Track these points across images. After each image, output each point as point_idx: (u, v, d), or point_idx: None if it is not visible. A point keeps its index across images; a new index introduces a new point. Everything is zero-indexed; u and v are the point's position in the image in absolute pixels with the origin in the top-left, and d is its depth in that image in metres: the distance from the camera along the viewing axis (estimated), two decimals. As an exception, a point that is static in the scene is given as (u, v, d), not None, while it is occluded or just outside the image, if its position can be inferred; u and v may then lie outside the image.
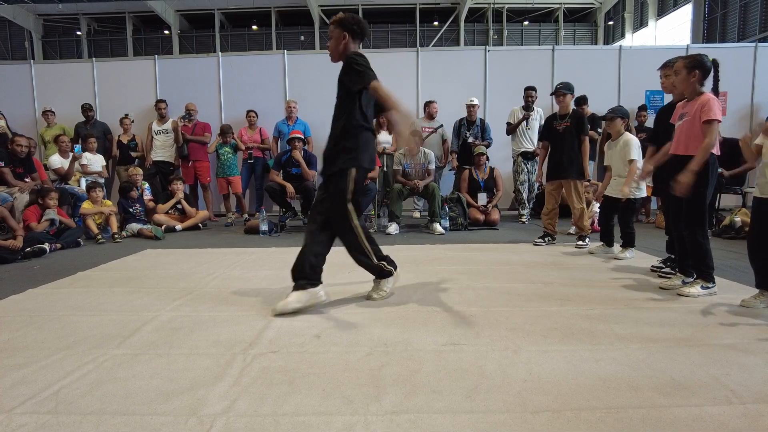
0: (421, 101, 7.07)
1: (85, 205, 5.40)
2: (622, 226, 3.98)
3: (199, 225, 6.04)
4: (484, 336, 2.14)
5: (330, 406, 1.55)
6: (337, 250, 2.85)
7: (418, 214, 6.99)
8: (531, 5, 22.24)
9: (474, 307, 2.59)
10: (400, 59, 7.50)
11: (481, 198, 5.89)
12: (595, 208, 5.32)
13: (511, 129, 6.39)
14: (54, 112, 7.04)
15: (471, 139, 6.32)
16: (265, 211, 5.74)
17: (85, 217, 5.28)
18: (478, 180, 5.95)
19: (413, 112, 1.94)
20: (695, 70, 2.73)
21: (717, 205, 5.72)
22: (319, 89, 7.08)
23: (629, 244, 3.94)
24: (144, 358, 1.95)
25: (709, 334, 2.14)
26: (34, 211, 4.76)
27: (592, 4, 23.10)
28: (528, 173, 6.40)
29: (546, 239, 4.59)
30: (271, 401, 1.58)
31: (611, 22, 23.27)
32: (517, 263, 3.72)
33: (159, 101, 6.84)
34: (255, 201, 7.07)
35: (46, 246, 4.41)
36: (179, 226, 5.85)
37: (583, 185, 4.56)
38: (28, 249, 4.25)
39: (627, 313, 2.45)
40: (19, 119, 7.46)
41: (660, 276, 3.25)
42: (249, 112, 6.90)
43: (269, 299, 2.78)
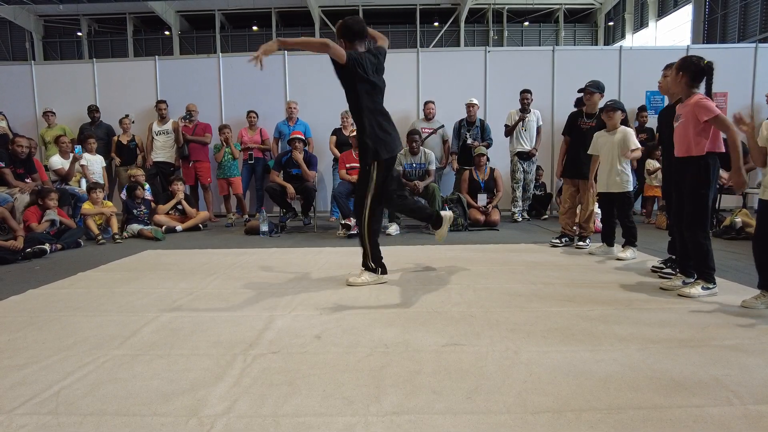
0: (422, 102, 7.07)
1: (86, 205, 5.40)
2: (622, 220, 3.96)
3: (200, 226, 6.04)
4: (485, 336, 2.14)
5: (330, 406, 1.55)
6: (338, 251, 2.86)
7: (418, 215, 6.98)
8: (531, 6, 22.25)
9: (474, 307, 2.58)
10: (401, 60, 7.48)
11: (482, 199, 5.89)
12: (595, 209, 5.31)
13: (509, 131, 6.49)
14: (54, 113, 7.05)
15: (470, 141, 6.33)
16: (265, 212, 5.73)
17: (86, 218, 5.28)
18: (479, 181, 5.95)
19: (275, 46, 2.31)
20: (680, 71, 2.75)
21: (717, 205, 5.71)
22: (320, 90, 7.08)
23: (631, 239, 3.90)
24: (144, 358, 1.95)
25: (710, 335, 2.13)
26: (35, 212, 4.76)
27: (593, 4, 23.11)
28: (524, 173, 6.46)
29: (563, 240, 4.50)
30: (272, 402, 1.58)
31: (611, 23, 23.28)
32: (518, 264, 3.72)
33: (159, 102, 6.85)
34: (255, 202, 7.08)
35: (47, 246, 4.41)
36: (180, 227, 5.85)
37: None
38: (29, 249, 4.25)
39: (627, 314, 2.45)
40: (20, 120, 7.46)
41: (660, 276, 3.25)
42: (249, 112, 6.90)
43: (270, 300, 2.78)
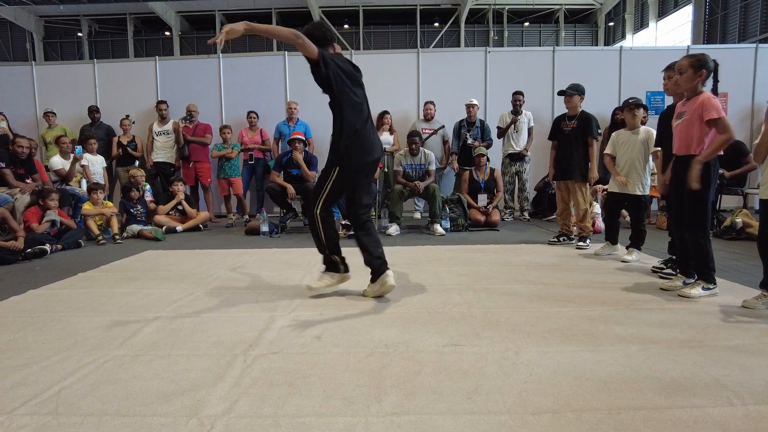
0: (422, 102, 7.08)
1: (86, 206, 5.41)
2: (636, 223, 3.94)
3: (200, 226, 6.04)
4: (485, 337, 2.14)
5: (330, 407, 1.55)
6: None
7: (418, 215, 6.99)
8: (531, 6, 22.25)
9: (475, 308, 2.58)
10: (401, 60, 7.50)
11: (482, 199, 5.89)
12: (596, 209, 5.32)
13: (501, 132, 6.55)
14: (55, 113, 7.06)
15: (470, 141, 6.34)
16: (265, 212, 5.74)
17: (86, 218, 5.29)
18: (479, 181, 5.95)
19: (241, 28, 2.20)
20: (702, 69, 2.72)
21: (718, 206, 5.71)
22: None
23: (639, 242, 3.89)
24: (144, 359, 1.95)
25: (710, 336, 2.13)
26: (35, 212, 4.77)
27: (593, 5, 23.10)
28: (516, 173, 6.52)
29: (561, 239, 4.58)
30: (272, 402, 1.58)
31: (612, 23, 23.27)
32: (518, 264, 3.72)
33: (160, 102, 6.86)
34: (256, 202, 7.08)
35: (47, 247, 4.41)
36: (180, 227, 5.86)
37: (589, 188, 4.49)
38: (29, 250, 4.25)
39: (628, 314, 2.44)
40: (20, 120, 7.48)
41: (661, 277, 3.25)
42: (250, 113, 6.91)
43: (270, 300, 2.78)
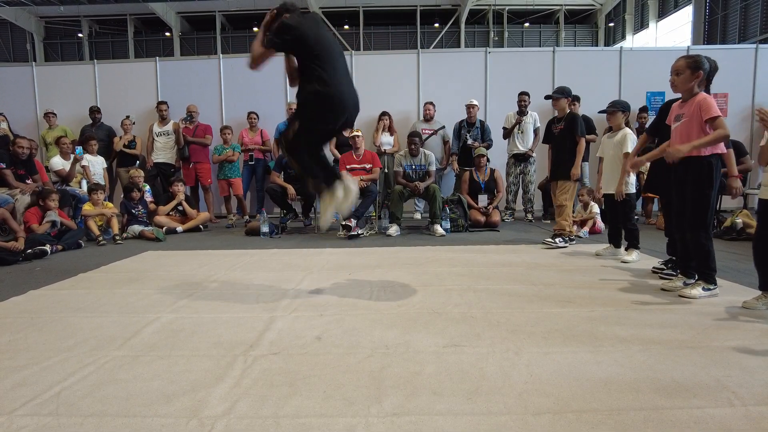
0: (422, 103, 7.08)
1: (87, 206, 5.41)
2: (624, 223, 3.95)
3: (200, 227, 6.05)
4: (485, 338, 2.14)
5: (331, 407, 1.55)
6: (338, 252, 2.86)
7: (418, 216, 6.99)
8: (531, 7, 22.25)
9: (475, 308, 2.58)
10: (401, 61, 7.51)
11: (482, 199, 5.89)
12: (595, 209, 5.32)
13: (507, 133, 6.55)
14: (55, 114, 7.06)
15: (470, 141, 6.34)
16: (265, 213, 5.74)
17: (87, 219, 5.29)
18: (479, 181, 5.95)
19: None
20: (699, 71, 2.73)
21: (718, 206, 5.71)
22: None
23: (634, 241, 3.89)
24: (145, 359, 1.95)
25: (711, 336, 2.13)
26: (35, 213, 4.77)
27: (593, 5, 23.11)
28: (521, 174, 6.50)
29: (557, 240, 4.51)
30: (272, 403, 1.58)
31: (612, 24, 23.27)
32: (518, 265, 3.72)
33: (160, 103, 6.86)
34: (256, 202, 7.08)
35: (47, 247, 4.41)
36: (180, 228, 5.86)
37: (574, 186, 4.50)
38: (29, 250, 4.25)
39: (628, 315, 2.44)
40: (21, 121, 7.48)
41: (661, 278, 3.24)
42: (250, 113, 6.91)
43: (270, 301, 2.78)
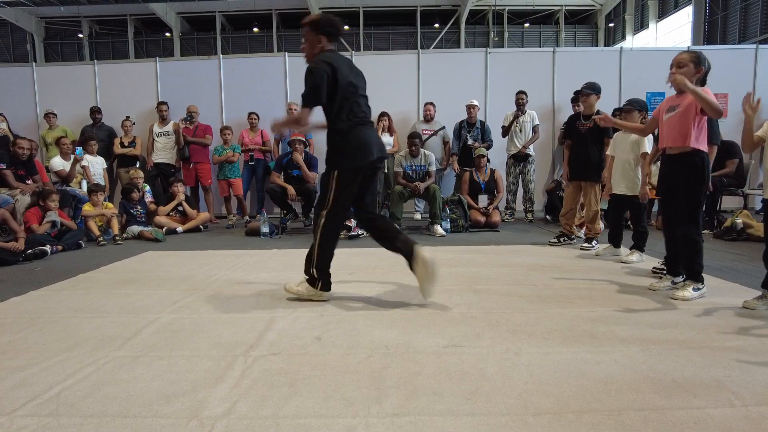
0: (422, 103, 7.08)
1: (87, 207, 5.41)
2: (635, 224, 3.92)
3: (200, 227, 6.04)
4: (485, 338, 2.14)
5: (331, 408, 1.55)
6: (338, 252, 2.86)
7: (419, 216, 6.99)
8: (532, 7, 22.26)
9: (475, 309, 2.58)
10: (401, 61, 7.51)
11: (482, 200, 5.89)
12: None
13: (505, 131, 6.56)
14: (56, 114, 7.06)
15: (470, 142, 6.35)
16: (266, 213, 5.74)
17: (87, 219, 5.29)
18: (479, 182, 5.95)
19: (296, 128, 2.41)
20: (701, 66, 2.74)
21: (718, 207, 5.71)
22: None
23: (641, 243, 3.86)
24: (145, 360, 1.95)
25: (711, 336, 2.13)
26: (36, 213, 4.77)
27: (593, 6, 23.11)
28: (520, 174, 6.51)
29: (562, 239, 4.54)
30: (272, 403, 1.58)
31: (612, 24, 23.28)
32: (519, 265, 3.72)
33: (160, 103, 6.86)
34: (256, 203, 7.07)
35: (48, 248, 4.41)
36: (180, 228, 5.86)
37: (599, 187, 4.43)
38: (30, 251, 4.25)
39: (628, 315, 2.44)
40: (21, 121, 7.48)
41: (660, 278, 3.24)
42: (250, 114, 6.91)
43: (270, 301, 2.78)
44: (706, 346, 2.02)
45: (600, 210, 4.41)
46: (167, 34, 23.71)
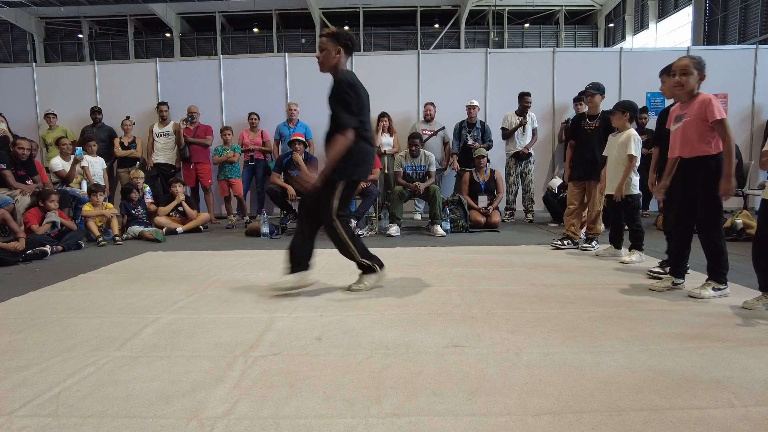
0: (422, 104, 7.09)
1: (87, 207, 5.41)
2: (629, 223, 3.92)
3: (201, 227, 6.05)
4: (485, 338, 2.14)
5: (331, 408, 1.55)
6: (337, 252, 2.86)
7: (419, 217, 6.99)
8: (532, 8, 22.27)
9: (475, 309, 2.58)
10: (401, 62, 7.52)
11: (482, 200, 5.89)
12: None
13: (508, 134, 6.55)
14: (56, 115, 7.06)
15: (470, 142, 6.35)
16: (266, 214, 5.74)
17: (87, 220, 5.29)
18: (479, 182, 5.95)
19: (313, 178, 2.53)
20: (703, 72, 2.76)
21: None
22: (320, 92, 6.99)
23: (637, 242, 3.85)
24: (145, 360, 1.95)
25: (711, 337, 2.13)
26: (36, 214, 4.77)
27: (593, 6, 23.13)
28: (521, 174, 6.52)
29: (566, 242, 4.44)
30: (272, 404, 1.58)
31: (612, 25, 23.28)
32: (519, 265, 3.72)
33: (160, 104, 6.87)
34: (256, 203, 7.08)
35: (48, 248, 4.41)
36: (180, 229, 5.86)
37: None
38: (30, 251, 4.25)
39: (628, 315, 2.44)
40: (21, 122, 7.48)
41: (651, 278, 3.23)
42: (251, 114, 6.91)
43: (270, 302, 2.78)
44: (706, 346, 2.02)
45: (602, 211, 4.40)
46: (167, 35, 23.72)
